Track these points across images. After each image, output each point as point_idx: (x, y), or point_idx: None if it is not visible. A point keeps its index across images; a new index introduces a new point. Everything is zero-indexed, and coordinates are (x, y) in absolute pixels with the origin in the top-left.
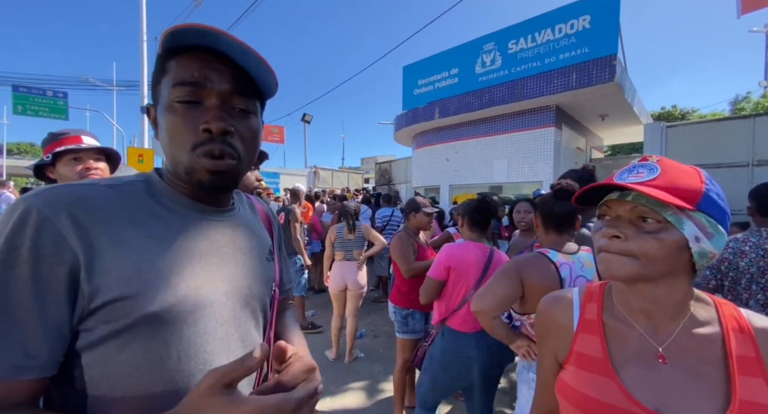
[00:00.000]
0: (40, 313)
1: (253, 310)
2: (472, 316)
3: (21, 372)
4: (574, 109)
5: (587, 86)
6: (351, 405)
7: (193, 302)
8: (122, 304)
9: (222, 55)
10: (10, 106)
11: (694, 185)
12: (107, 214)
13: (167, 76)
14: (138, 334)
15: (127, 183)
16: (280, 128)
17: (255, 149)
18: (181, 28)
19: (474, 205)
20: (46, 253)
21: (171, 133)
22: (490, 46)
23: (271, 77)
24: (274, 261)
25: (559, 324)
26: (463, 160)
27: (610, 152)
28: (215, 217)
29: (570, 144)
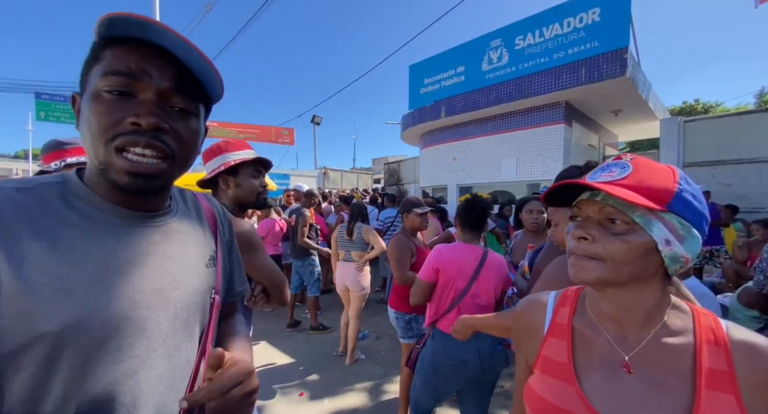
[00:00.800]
0: None
1: (184, 322)
2: None
3: None
4: (584, 105)
5: (598, 81)
6: (350, 407)
7: (102, 318)
8: (16, 321)
9: (164, 52)
10: (34, 113)
11: (665, 185)
12: (6, 222)
13: (99, 64)
14: (35, 353)
15: (40, 184)
16: (290, 130)
17: (192, 153)
18: (121, 16)
19: (462, 205)
20: None
21: (90, 123)
22: (497, 42)
23: (217, 80)
24: (216, 266)
25: (532, 327)
26: (471, 159)
27: (628, 149)
28: (141, 222)
29: (581, 141)
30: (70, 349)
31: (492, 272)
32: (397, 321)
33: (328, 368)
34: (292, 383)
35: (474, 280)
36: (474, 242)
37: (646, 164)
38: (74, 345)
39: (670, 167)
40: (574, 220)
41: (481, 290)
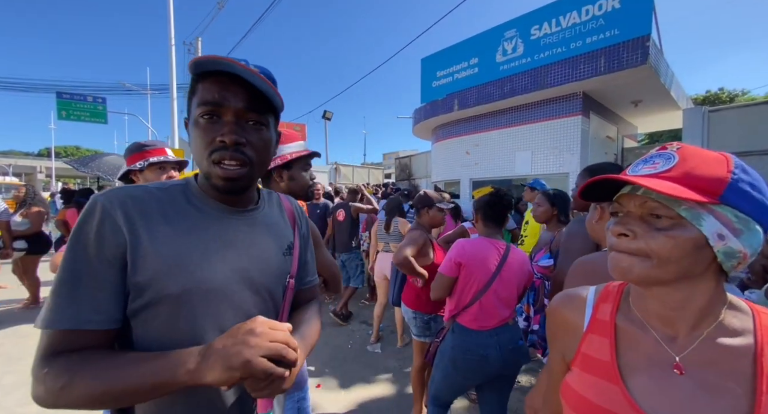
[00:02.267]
0: (103, 281)
1: (261, 300)
2: (483, 314)
3: (89, 323)
4: (603, 95)
5: (617, 71)
6: (366, 399)
7: (207, 287)
8: (149, 283)
9: (238, 78)
10: (56, 112)
11: (717, 174)
12: (148, 211)
13: (195, 97)
14: (163, 308)
15: (172, 186)
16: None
17: (267, 157)
18: (201, 60)
19: (485, 199)
20: (107, 237)
21: (195, 143)
22: (512, 33)
23: (276, 97)
24: (292, 255)
25: (570, 323)
26: (484, 153)
27: (647, 140)
28: (235, 215)
29: (599, 133)
30: (186, 307)
31: (514, 267)
32: (414, 320)
33: (344, 361)
34: (309, 375)
35: (497, 275)
36: (496, 237)
37: (696, 153)
38: (189, 305)
39: (724, 155)
40: (615, 216)
41: (503, 285)
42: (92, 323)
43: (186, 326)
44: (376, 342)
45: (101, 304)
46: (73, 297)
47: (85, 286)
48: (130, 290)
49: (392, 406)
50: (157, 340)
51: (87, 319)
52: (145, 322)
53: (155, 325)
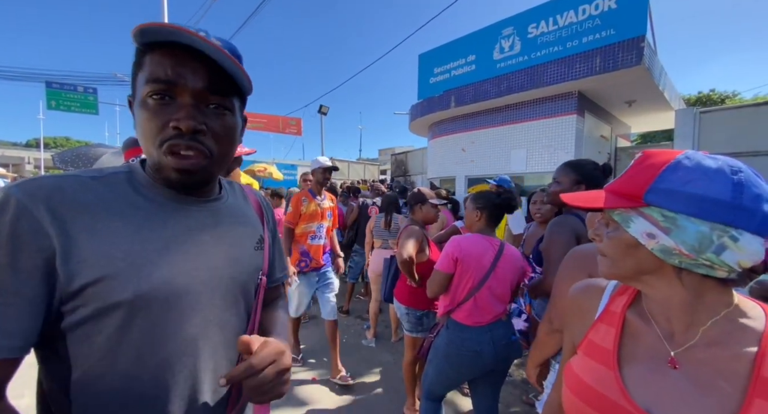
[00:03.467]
0: (16, 295)
1: (234, 297)
2: (478, 310)
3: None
4: (598, 95)
5: (612, 71)
6: (360, 392)
7: (167, 290)
8: (95, 289)
9: (196, 54)
10: (45, 102)
11: (644, 178)
12: (83, 205)
13: (142, 72)
14: (112, 318)
15: (110, 174)
16: (297, 120)
17: (230, 147)
18: (151, 27)
19: (498, 201)
20: (24, 240)
21: (142, 128)
22: (509, 30)
23: (244, 77)
24: (263, 250)
25: (584, 310)
26: (480, 150)
27: (640, 140)
28: (196, 206)
29: (593, 132)
30: (140, 316)
31: (509, 264)
32: (407, 316)
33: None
34: (303, 368)
35: (491, 272)
36: (491, 234)
37: (644, 159)
38: (144, 312)
39: (671, 153)
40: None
41: (497, 281)
42: (2, 351)
43: (141, 338)
44: (373, 337)
45: (10, 326)
46: None
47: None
48: (64, 301)
49: (386, 400)
50: (103, 358)
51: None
52: (88, 337)
53: (100, 339)
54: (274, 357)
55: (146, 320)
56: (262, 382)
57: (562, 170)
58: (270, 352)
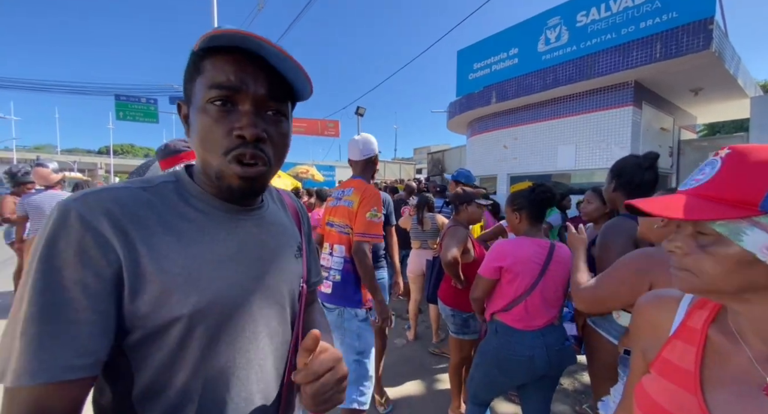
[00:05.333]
0: (89, 313)
1: (281, 307)
2: (529, 315)
3: (71, 372)
4: (658, 84)
5: (676, 57)
6: (402, 394)
7: (222, 303)
8: (154, 308)
9: (258, 58)
10: (114, 113)
11: (756, 181)
12: (139, 218)
13: (202, 77)
14: (172, 333)
15: (159, 184)
16: (335, 123)
17: (284, 153)
18: (225, 33)
19: (533, 198)
20: (92, 255)
21: (203, 135)
22: (555, 20)
23: (307, 84)
24: (302, 257)
25: (656, 324)
26: (524, 147)
27: (707, 131)
28: (243, 216)
29: (652, 124)
30: (198, 330)
31: (560, 266)
32: (452, 318)
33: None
34: None
35: (542, 275)
36: (538, 235)
37: (742, 157)
38: (201, 326)
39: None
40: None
41: (549, 285)
42: (75, 371)
43: (198, 351)
44: (414, 339)
45: (87, 343)
46: (49, 337)
47: (63, 322)
48: (127, 318)
49: (428, 401)
50: (164, 373)
51: (68, 365)
52: (149, 352)
53: (160, 355)
54: (331, 364)
55: (203, 334)
56: (322, 389)
57: (616, 174)
58: (328, 358)
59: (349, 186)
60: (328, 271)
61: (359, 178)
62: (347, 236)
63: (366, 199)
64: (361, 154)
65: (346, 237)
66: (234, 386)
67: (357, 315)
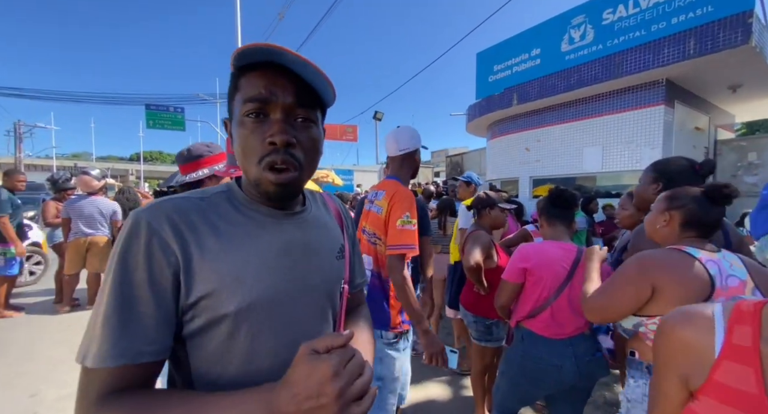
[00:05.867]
0: (155, 307)
1: (322, 306)
2: (556, 321)
3: (143, 356)
4: (692, 82)
5: (711, 53)
6: (424, 399)
7: (267, 301)
8: (207, 302)
9: (285, 70)
10: (144, 122)
11: None
12: (196, 224)
13: (239, 93)
14: (221, 328)
15: (213, 194)
16: (353, 127)
17: (316, 157)
18: (248, 49)
19: (547, 198)
20: (157, 257)
21: (242, 146)
22: (580, 19)
23: (329, 89)
24: (344, 258)
25: (693, 346)
26: (547, 149)
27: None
28: (287, 219)
29: (686, 124)
30: (244, 326)
31: None
32: (474, 324)
33: None
34: None
35: (569, 281)
36: (563, 239)
37: None
38: (246, 323)
39: None
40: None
41: (576, 290)
42: (146, 355)
43: (245, 346)
44: None
45: (154, 333)
46: (124, 327)
47: (136, 314)
48: (184, 312)
49: (452, 409)
50: (216, 363)
51: (141, 351)
52: (202, 344)
53: (212, 347)
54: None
55: (249, 330)
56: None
57: (646, 169)
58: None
59: (381, 188)
60: None
61: (393, 179)
62: (375, 247)
63: (396, 204)
64: (398, 148)
65: (374, 248)
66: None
67: (382, 336)
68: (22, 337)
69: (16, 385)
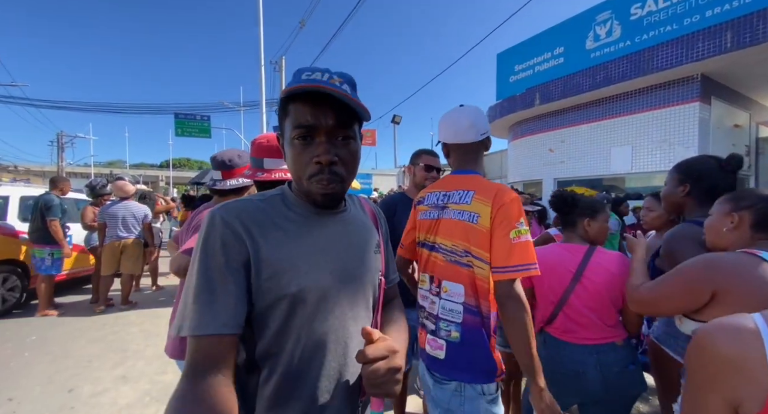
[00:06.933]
0: (233, 287)
1: (363, 295)
2: (573, 324)
3: (229, 328)
4: (729, 76)
5: (751, 46)
6: None
7: (318, 287)
8: (270, 284)
9: (328, 97)
10: (173, 130)
11: None
12: (259, 220)
13: (289, 118)
14: (280, 308)
15: (271, 196)
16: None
17: (356, 166)
18: (301, 88)
19: (553, 204)
20: (232, 246)
21: (294, 164)
22: (605, 15)
23: (365, 112)
24: (380, 253)
25: (741, 364)
26: (572, 150)
27: None
28: (331, 218)
29: (724, 121)
30: (299, 307)
31: (601, 273)
32: (499, 330)
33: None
34: None
35: (576, 282)
36: (574, 241)
37: None
38: (301, 304)
39: None
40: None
41: (591, 292)
42: (229, 327)
43: (300, 325)
44: None
45: (234, 309)
46: (211, 304)
47: (219, 293)
48: (254, 293)
49: None
50: (276, 340)
51: (226, 323)
52: (266, 322)
53: (274, 325)
54: (385, 352)
55: (303, 311)
56: (375, 374)
57: (669, 172)
58: (382, 347)
59: (463, 186)
60: (436, 321)
61: (474, 174)
62: (468, 270)
63: (505, 208)
64: (478, 131)
65: (467, 271)
66: (325, 357)
67: (484, 392)
68: (60, 335)
69: (55, 381)
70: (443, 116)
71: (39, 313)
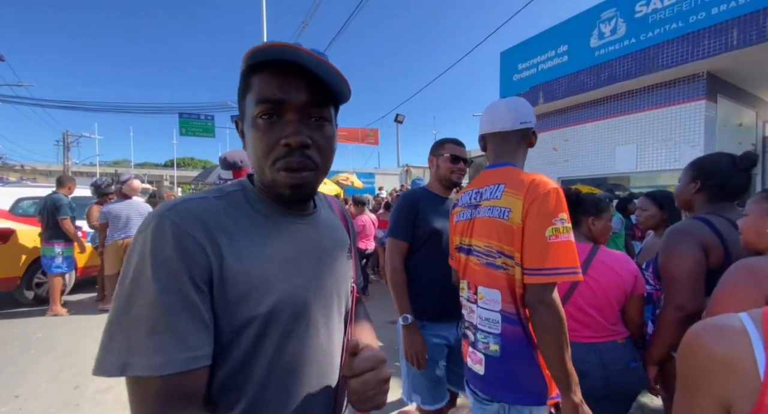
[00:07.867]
0: (198, 310)
1: (338, 306)
2: (576, 323)
3: (198, 361)
4: (735, 74)
5: (758, 43)
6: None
7: (292, 302)
8: (237, 307)
9: (299, 67)
10: (177, 129)
11: None
12: (223, 224)
13: (251, 92)
14: (248, 332)
15: (229, 193)
16: (375, 131)
17: (331, 156)
18: (263, 48)
19: None
20: (193, 258)
21: (255, 147)
22: (610, 13)
23: (344, 85)
24: (351, 258)
25: (732, 365)
26: (576, 149)
27: None
28: (300, 220)
29: (730, 119)
30: (271, 328)
31: (606, 273)
32: None
33: None
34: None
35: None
36: (578, 239)
37: None
38: (274, 325)
39: None
40: None
41: (594, 290)
42: (200, 360)
43: (271, 348)
44: None
45: (201, 337)
46: (176, 333)
47: (184, 319)
48: (219, 316)
49: None
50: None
51: (195, 356)
52: (229, 350)
53: (237, 353)
54: (372, 363)
55: (276, 332)
56: (364, 388)
57: (684, 169)
58: (369, 357)
59: (495, 180)
60: (475, 332)
61: (509, 166)
62: (504, 273)
63: (538, 201)
64: (518, 119)
65: (503, 274)
66: (299, 381)
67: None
68: (66, 333)
69: (61, 378)
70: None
71: (50, 312)
